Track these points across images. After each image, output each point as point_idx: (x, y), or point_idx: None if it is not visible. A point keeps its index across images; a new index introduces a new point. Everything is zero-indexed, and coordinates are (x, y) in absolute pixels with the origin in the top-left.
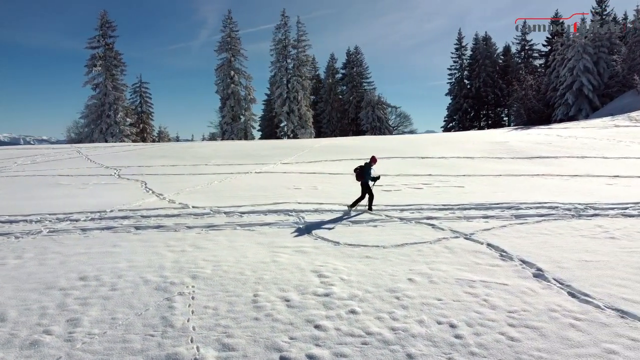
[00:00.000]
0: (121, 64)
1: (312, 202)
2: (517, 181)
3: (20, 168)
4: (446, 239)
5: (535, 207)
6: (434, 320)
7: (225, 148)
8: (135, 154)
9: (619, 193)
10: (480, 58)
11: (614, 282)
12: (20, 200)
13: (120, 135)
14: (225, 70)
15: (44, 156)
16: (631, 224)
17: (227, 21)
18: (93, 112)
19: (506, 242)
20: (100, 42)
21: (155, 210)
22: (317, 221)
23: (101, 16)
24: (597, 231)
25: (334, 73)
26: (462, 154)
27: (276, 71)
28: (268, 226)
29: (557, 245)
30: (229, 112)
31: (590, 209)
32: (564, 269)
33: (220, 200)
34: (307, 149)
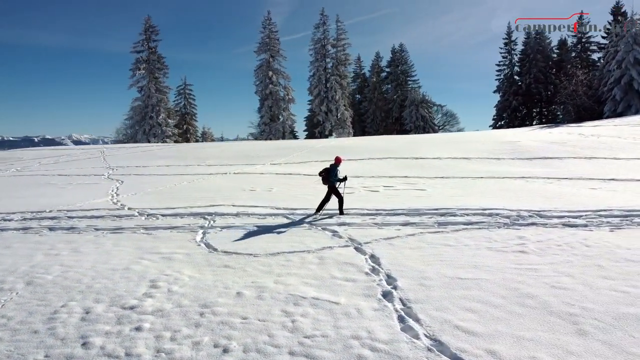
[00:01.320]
0: (164, 67)
1: (247, 205)
2: (493, 184)
3: (39, 167)
4: (331, 248)
5: (473, 213)
6: (213, 344)
7: (233, 149)
8: (148, 154)
9: (591, 199)
10: (532, 53)
11: (466, 306)
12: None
13: (162, 136)
14: (264, 71)
15: (69, 157)
16: (559, 236)
17: (266, 22)
18: (137, 114)
19: (393, 253)
20: (144, 46)
21: (87, 212)
22: (226, 225)
23: (145, 21)
24: (511, 243)
25: (378, 72)
26: (463, 154)
27: (314, 71)
28: (170, 230)
29: (447, 259)
30: (267, 113)
31: (536, 216)
32: (423, 287)
33: (163, 202)
34: (307, 149)
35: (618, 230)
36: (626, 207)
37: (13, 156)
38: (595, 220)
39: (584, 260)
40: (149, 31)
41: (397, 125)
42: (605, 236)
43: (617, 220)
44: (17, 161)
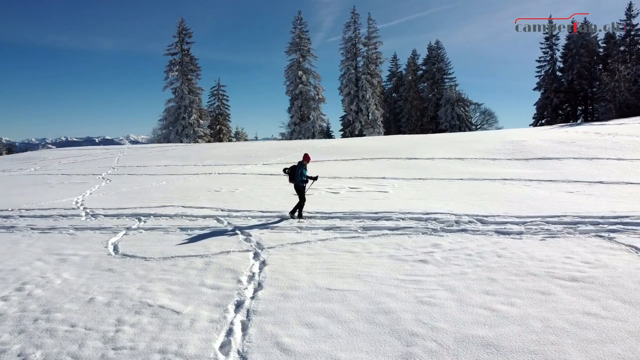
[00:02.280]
0: (197, 68)
1: (193, 207)
2: (466, 186)
3: (55, 167)
4: (228, 252)
5: (410, 218)
6: (18, 352)
7: (238, 149)
8: (160, 154)
9: (555, 203)
10: (575, 47)
11: (309, 321)
12: None
13: (194, 136)
14: (294, 70)
15: (89, 157)
16: (480, 244)
17: (297, 22)
18: (171, 115)
19: (286, 259)
20: (177, 49)
21: (44, 211)
22: (152, 227)
23: (179, 24)
24: (420, 252)
25: (414, 70)
26: (460, 154)
27: (345, 70)
28: (95, 231)
29: (336, 267)
30: (297, 112)
31: (477, 222)
32: (282, 298)
33: (121, 202)
34: (308, 149)
35: (550, 239)
36: (583, 213)
37: (39, 156)
38: (535, 228)
39: (480, 273)
40: (182, 34)
41: (433, 124)
42: (529, 245)
43: (559, 228)
44: (40, 161)
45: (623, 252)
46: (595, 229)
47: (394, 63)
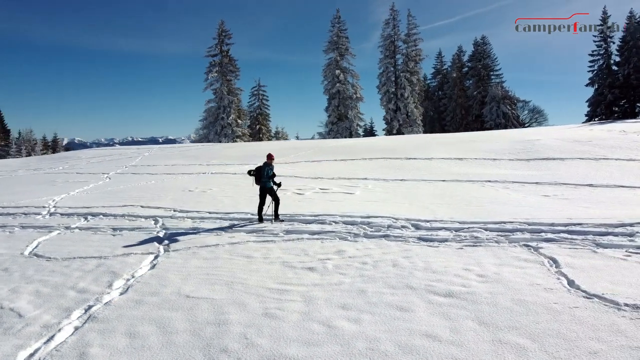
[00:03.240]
0: (236, 69)
1: (151, 207)
2: (439, 188)
3: (82, 165)
4: (128, 255)
5: (343, 222)
6: None
7: (253, 149)
8: (177, 154)
9: (516, 208)
10: (632, 40)
11: (128, 330)
12: None
13: (233, 135)
14: (331, 69)
15: (114, 156)
16: (385, 252)
17: (335, 21)
18: (211, 115)
19: (178, 262)
20: (217, 50)
21: (18, 209)
22: (87, 226)
23: (219, 25)
24: (317, 258)
25: (460, 67)
26: (462, 154)
27: (383, 68)
28: (35, 229)
29: (216, 273)
30: (334, 112)
31: (411, 227)
32: (134, 304)
33: (96, 201)
34: (315, 149)
35: (469, 248)
36: (534, 219)
37: (74, 155)
38: (465, 235)
39: (357, 284)
40: (222, 35)
41: (478, 123)
42: (438, 254)
43: (492, 235)
44: (73, 160)
45: (534, 265)
46: (530, 237)
47: (439, 60)
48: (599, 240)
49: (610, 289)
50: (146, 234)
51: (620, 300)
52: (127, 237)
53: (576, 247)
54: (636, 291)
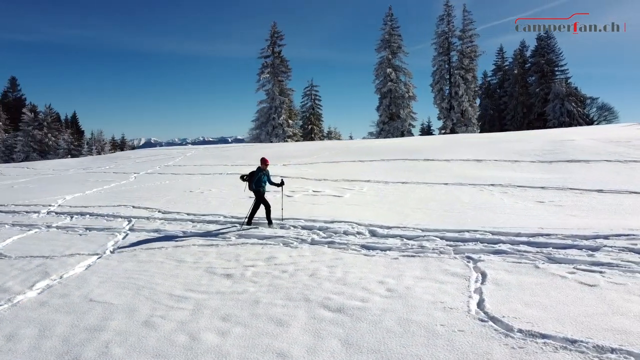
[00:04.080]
0: (288, 69)
1: (141, 207)
2: (435, 192)
3: (127, 165)
4: (75, 255)
5: (303, 226)
6: None
7: (285, 149)
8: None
9: (494, 216)
10: None
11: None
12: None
13: (284, 136)
14: (383, 68)
15: (159, 157)
16: (318, 260)
17: (387, 18)
18: (262, 115)
19: (110, 264)
20: (269, 51)
21: (18, 207)
22: (67, 225)
23: (271, 27)
24: (244, 264)
25: (522, 63)
26: (484, 156)
27: (437, 66)
28: (17, 227)
29: (139, 277)
30: (386, 111)
31: (366, 233)
32: (39, 306)
33: (93, 201)
34: (338, 150)
35: (403, 259)
36: (502, 228)
37: (124, 155)
38: (413, 243)
39: (255, 292)
40: (274, 36)
41: (540, 121)
42: (364, 265)
43: (442, 244)
44: (122, 160)
45: (457, 280)
46: (480, 249)
47: (500, 56)
48: (554, 254)
49: (517, 312)
50: (109, 235)
51: (517, 326)
52: (90, 237)
53: (522, 261)
54: (543, 315)
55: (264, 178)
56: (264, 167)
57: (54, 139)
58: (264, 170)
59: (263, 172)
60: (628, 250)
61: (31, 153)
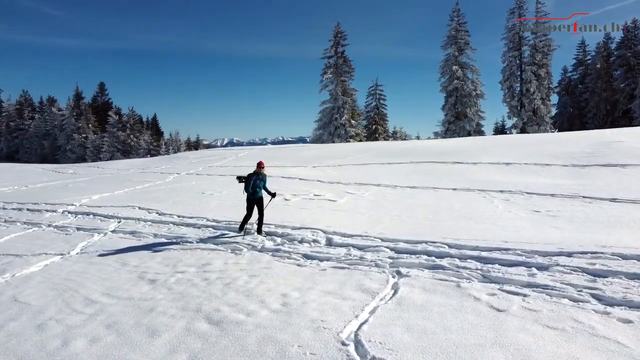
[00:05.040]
0: (351, 69)
1: (146, 209)
2: (439, 198)
3: (181, 165)
4: (41, 254)
5: (267, 232)
6: None
7: (331, 150)
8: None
9: (476, 226)
10: None
11: None
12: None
13: (346, 136)
14: (449, 65)
15: (216, 157)
16: (242, 269)
17: (454, 14)
18: (325, 116)
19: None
20: (332, 51)
21: (46, 205)
22: (61, 225)
23: (334, 27)
24: (173, 270)
25: (606, 56)
26: (514, 159)
27: (507, 62)
28: (14, 225)
29: (69, 279)
30: (451, 110)
31: (320, 242)
32: None
33: (108, 202)
34: (379, 151)
35: (334, 270)
36: (461, 241)
37: (184, 156)
38: (357, 254)
39: (143, 299)
40: (337, 37)
41: (626, 119)
42: (285, 275)
43: (384, 257)
44: (180, 160)
45: (362, 297)
46: (419, 262)
47: (582, 50)
48: (493, 272)
49: (389, 337)
50: (88, 235)
51: (373, 353)
52: (73, 237)
53: (451, 278)
54: (413, 343)
55: (260, 183)
56: (259, 170)
57: (135, 139)
58: (260, 174)
59: (259, 175)
60: (580, 271)
61: (115, 153)
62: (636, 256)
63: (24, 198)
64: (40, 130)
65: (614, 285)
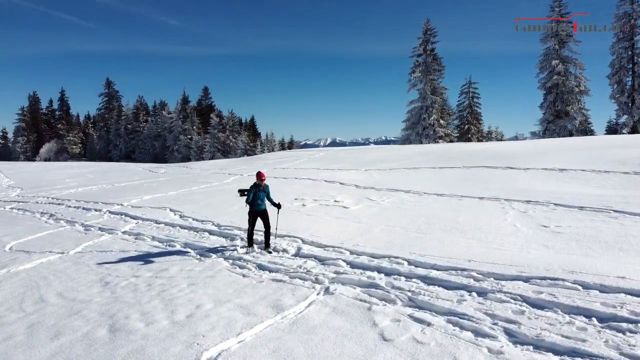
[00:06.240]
0: (441, 67)
1: (174, 210)
2: (452, 209)
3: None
4: (42, 253)
5: (242, 238)
6: None
7: (393, 153)
8: (340, 157)
9: (460, 243)
10: None
11: None
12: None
13: (434, 136)
14: (548, 60)
15: (291, 158)
16: (190, 276)
17: (555, 4)
18: (413, 116)
19: None
20: (421, 49)
21: (106, 206)
22: (87, 224)
23: (424, 24)
24: (131, 274)
25: None
26: (573, 165)
27: (616, 55)
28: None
29: (25, 278)
30: (550, 108)
31: (291, 252)
32: None
33: (150, 202)
34: (438, 154)
35: (266, 283)
36: (428, 258)
37: (263, 157)
38: (307, 267)
39: (78, 300)
40: (427, 34)
41: None
42: (208, 282)
43: (334, 270)
44: (258, 161)
45: (261, 310)
46: (357, 280)
47: None
48: (419, 296)
49: (242, 357)
50: (98, 235)
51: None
52: (86, 236)
53: (371, 300)
54: None
55: (261, 195)
56: (260, 182)
57: (233, 140)
58: (260, 186)
59: (258, 188)
60: (519, 300)
61: (216, 153)
62: (599, 286)
63: (92, 197)
64: (152, 132)
65: (539, 320)
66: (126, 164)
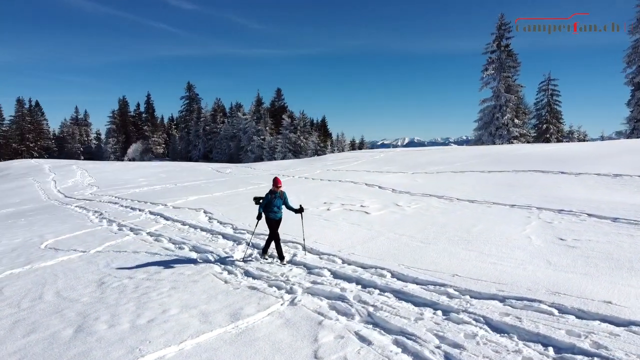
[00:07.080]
0: (516, 64)
1: (206, 212)
2: (474, 216)
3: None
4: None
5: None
6: None
7: (457, 154)
8: (396, 159)
9: (453, 256)
10: None
11: None
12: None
13: (508, 136)
14: (637, 53)
15: (351, 159)
16: (158, 279)
17: None
18: (486, 115)
19: None
20: (494, 46)
21: (151, 206)
22: (124, 224)
23: (498, 19)
24: (99, 277)
25: None
26: (629, 170)
27: None
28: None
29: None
30: (639, 105)
31: (276, 259)
32: None
33: (194, 204)
34: (490, 157)
35: (241, 291)
36: (412, 271)
37: (325, 158)
38: (288, 275)
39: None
40: (501, 29)
41: None
42: (206, 289)
43: (315, 279)
44: (319, 162)
45: (222, 317)
46: (329, 292)
47: None
48: (379, 312)
49: None
50: (123, 235)
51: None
52: (113, 235)
53: (329, 313)
54: None
55: (276, 202)
56: (276, 189)
57: (304, 140)
58: (276, 193)
59: (274, 195)
60: (480, 322)
61: (287, 153)
62: (577, 310)
63: (147, 197)
64: (228, 133)
65: (487, 346)
66: (200, 164)
